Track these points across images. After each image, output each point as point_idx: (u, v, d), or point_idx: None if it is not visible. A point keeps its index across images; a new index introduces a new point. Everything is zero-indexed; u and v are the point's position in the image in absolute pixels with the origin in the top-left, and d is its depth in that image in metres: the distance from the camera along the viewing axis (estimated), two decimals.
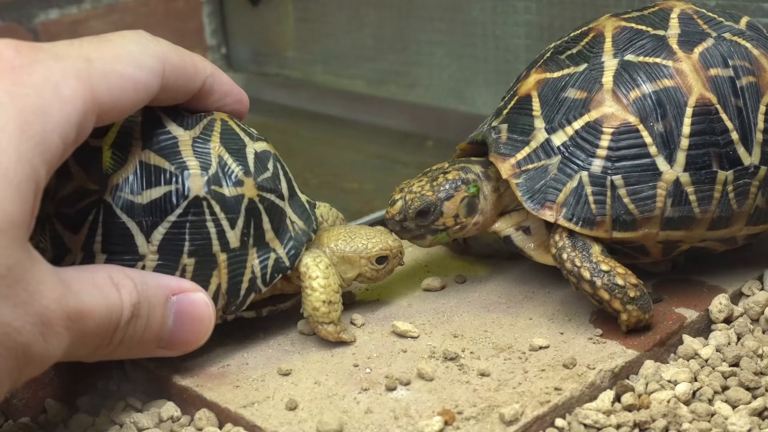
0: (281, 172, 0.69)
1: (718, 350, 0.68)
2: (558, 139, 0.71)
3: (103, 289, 0.56)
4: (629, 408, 0.62)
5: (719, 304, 0.72)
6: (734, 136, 0.71)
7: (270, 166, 0.68)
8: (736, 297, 0.74)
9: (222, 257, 0.65)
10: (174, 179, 0.63)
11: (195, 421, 0.63)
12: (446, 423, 0.59)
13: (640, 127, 0.70)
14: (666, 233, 0.70)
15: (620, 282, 0.68)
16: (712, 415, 0.62)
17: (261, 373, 0.66)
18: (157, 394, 0.67)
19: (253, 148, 0.67)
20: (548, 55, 0.76)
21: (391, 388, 0.64)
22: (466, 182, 0.73)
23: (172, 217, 0.63)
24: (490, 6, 1.33)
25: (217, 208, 0.64)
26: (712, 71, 0.71)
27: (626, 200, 0.69)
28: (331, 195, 1.18)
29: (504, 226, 0.75)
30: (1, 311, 0.49)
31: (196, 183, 0.63)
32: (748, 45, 0.73)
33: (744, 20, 0.77)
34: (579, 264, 0.69)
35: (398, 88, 1.50)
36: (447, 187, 0.73)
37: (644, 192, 0.69)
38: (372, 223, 0.92)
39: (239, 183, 0.65)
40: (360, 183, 1.31)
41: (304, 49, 1.64)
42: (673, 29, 0.73)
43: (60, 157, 0.54)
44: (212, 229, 0.64)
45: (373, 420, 0.60)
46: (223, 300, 0.66)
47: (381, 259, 0.72)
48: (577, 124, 0.71)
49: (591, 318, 0.71)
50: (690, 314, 0.72)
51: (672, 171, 0.69)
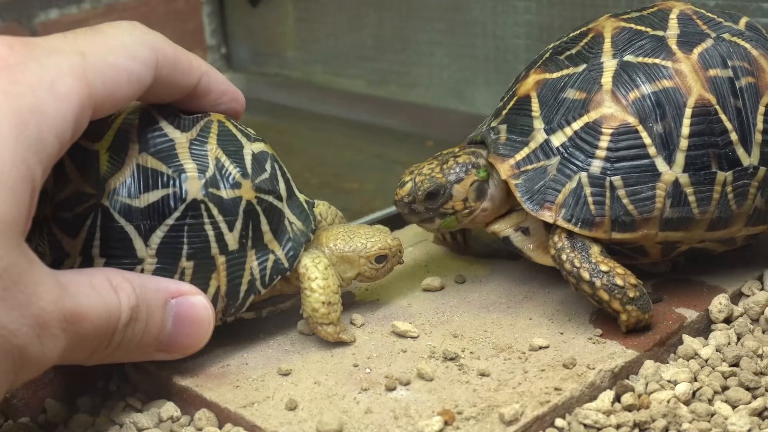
0: (279, 173, 0.69)
1: (718, 350, 0.68)
2: (557, 139, 0.71)
3: (100, 292, 0.56)
4: (629, 408, 0.62)
5: (719, 304, 0.72)
6: (733, 136, 0.71)
7: (268, 167, 0.68)
8: (736, 297, 0.74)
9: (221, 260, 0.65)
10: (171, 182, 0.63)
11: (195, 421, 0.63)
12: (446, 423, 0.59)
13: (640, 127, 0.70)
14: (665, 234, 0.70)
15: (619, 282, 0.68)
16: (712, 415, 0.62)
17: (261, 373, 0.66)
18: (157, 394, 0.67)
19: (250, 149, 0.67)
20: (547, 55, 0.76)
21: (390, 388, 0.64)
22: (476, 166, 0.73)
23: (170, 221, 0.63)
24: (490, 6, 1.33)
25: (214, 211, 0.64)
26: (712, 72, 0.71)
27: (625, 201, 0.69)
28: (331, 195, 1.18)
29: (503, 227, 0.75)
30: None
31: (193, 186, 0.63)
32: (747, 45, 0.73)
33: (743, 21, 0.76)
34: (578, 265, 0.69)
35: (398, 88, 1.50)
36: (457, 170, 0.73)
37: (643, 193, 0.69)
38: (372, 223, 0.92)
39: (237, 185, 0.65)
40: (360, 183, 1.31)
41: (304, 49, 1.64)
42: (672, 30, 0.73)
43: (56, 156, 0.54)
44: (210, 232, 0.64)
45: (372, 420, 0.60)
46: (223, 302, 0.66)
47: (380, 259, 0.72)
48: (577, 125, 0.71)
49: (591, 318, 0.71)
50: (690, 314, 0.72)
51: (671, 172, 0.69)
